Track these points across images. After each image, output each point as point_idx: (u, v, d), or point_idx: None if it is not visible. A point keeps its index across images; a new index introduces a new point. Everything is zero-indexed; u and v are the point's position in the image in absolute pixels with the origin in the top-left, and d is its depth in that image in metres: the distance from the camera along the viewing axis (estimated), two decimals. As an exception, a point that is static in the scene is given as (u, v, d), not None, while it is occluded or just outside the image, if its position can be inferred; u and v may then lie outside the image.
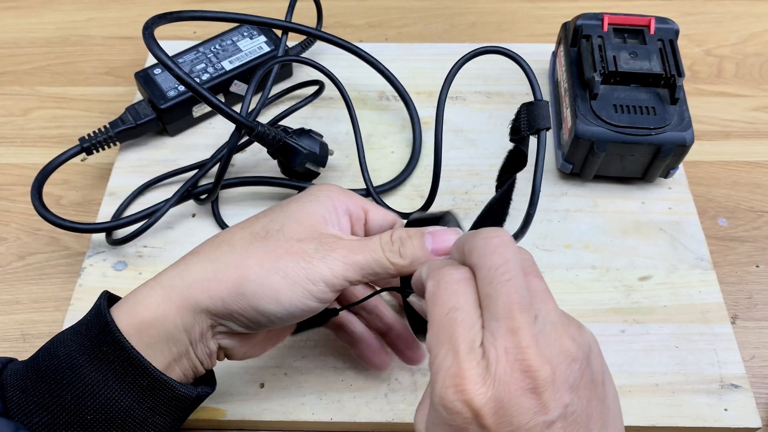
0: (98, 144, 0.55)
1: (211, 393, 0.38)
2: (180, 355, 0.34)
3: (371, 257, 0.34)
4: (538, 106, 0.40)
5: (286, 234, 0.35)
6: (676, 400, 0.46)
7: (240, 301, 0.33)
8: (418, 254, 0.34)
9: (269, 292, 0.33)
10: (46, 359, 0.33)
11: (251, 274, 0.33)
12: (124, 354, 0.32)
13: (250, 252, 0.34)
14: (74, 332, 0.34)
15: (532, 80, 0.41)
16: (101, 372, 0.32)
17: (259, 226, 0.36)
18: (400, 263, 0.34)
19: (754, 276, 0.53)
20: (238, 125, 0.48)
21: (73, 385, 0.32)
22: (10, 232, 0.55)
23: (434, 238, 0.35)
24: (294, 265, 0.33)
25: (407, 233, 0.35)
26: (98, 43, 0.69)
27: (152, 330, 0.33)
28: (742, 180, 0.59)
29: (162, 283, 0.34)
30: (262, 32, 0.62)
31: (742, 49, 0.69)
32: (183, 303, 0.33)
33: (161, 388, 0.33)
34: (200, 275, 0.34)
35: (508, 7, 0.73)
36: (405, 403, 0.45)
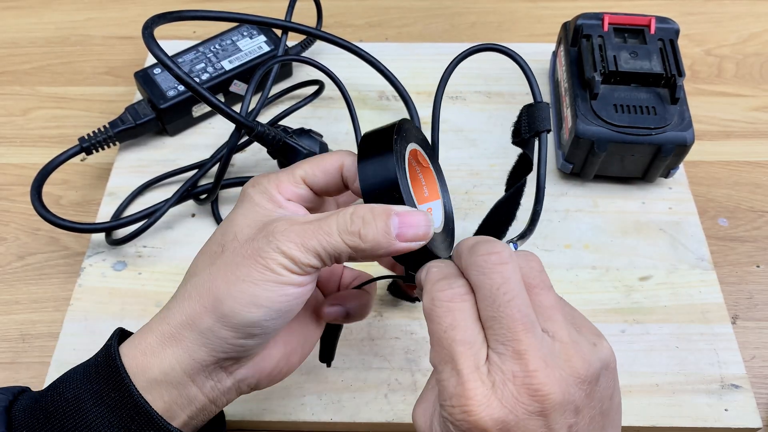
0: (98, 144, 0.55)
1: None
2: (182, 398, 0.33)
3: (326, 240, 0.31)
4: (538, 108, 0.40)
5: (239, 239, 0.33)
6: (677, 400, 0.46)
7: (225, 323, 0.32)
8: (379, 240, 0.31)
9: (245, 302, 0.31)
10: (53, 399, 0.33)
11: (221, 294, 0.32)
12: (131, 402, 0.32)
13: (213, 273, 0.33)
14: (84, 371, 0.33)
15: (531, 81, 0.41)
16: (107, 418, 0.32)
17: (215, 245, 0.34)
18: (360, 246, 0.31)
19: (755, 276, 0.53)
20: (238, 125, 0.48)
21: (78, 430, 0.32)
22: (10, 232, 0.55)
23: (402, 222, 0.31)
24: (254, 265, 0.31)
25: (371, 212, 0.32)
26: (98, 42, 0.69)
27: (149, 373, 0.32)
28: (742, 180, 0.59)
29: (153, 330, 0.33)
30: (261, 32, 0.62)
31: (742, 48, 0.69)
32: (176, 344, 0.32)
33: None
34: (181, 315, 0.33)
35: (508, 6, 0.73)
36: (405, 403, 0.45)
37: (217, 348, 0.32)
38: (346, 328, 0.49)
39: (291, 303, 0.32)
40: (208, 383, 0.34)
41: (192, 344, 0.32)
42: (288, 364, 0.37)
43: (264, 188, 0.35)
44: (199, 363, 0.33)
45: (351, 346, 0.48)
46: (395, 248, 0.32)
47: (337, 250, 0.31)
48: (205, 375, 0.33)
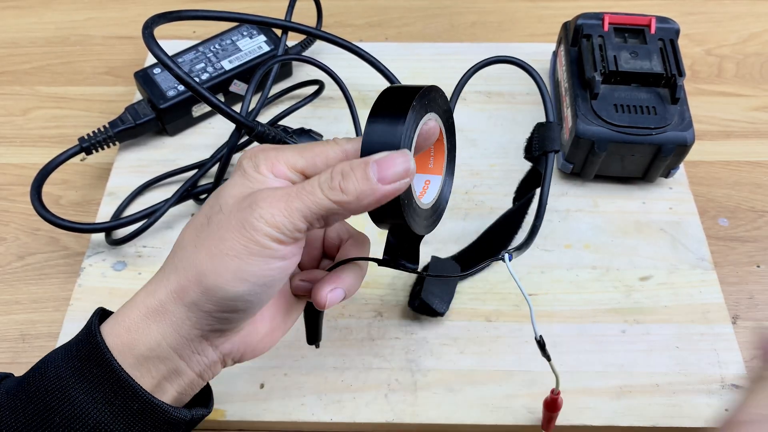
0: (98, 144, 0.55)
1: (207, 414, 0.37)
2: (170, 373, 0.33)
3: (310, 200, 0.31)
4: (549, 128, 0.40)
5: (224, 211, 0.33)
6: (677, 401, 0.46)
7: (210, 298, 0.32)
8: (362, 188, 0.31)
9: (229, 276, 0.31)
10: (36, 379, 0.33)
11: (206, 268, 0.31)
12: (114, 376, 0.32)
13: (198, 245, 0.32)
14: (65, 352, 0.33)
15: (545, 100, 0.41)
16: (90, 394, 0.31)
17: (202, 216, 0.34)
18: (344, 200, 0.31)
19: (755, 276, 0.53)
20: (238, 125, 0.48)
21: (62, 408, 0.31)
22: (10, 232, 0.55)
23: (379, 166, 0.31)
24: (239, 237, 0.31)
25: (350, 165, 0.31)
26: (98, 42, 0.69)
27: (135, 350, 0.32)
28: (742, 180, 0.59)
29: (137, 304, 0.33)
30: (261, 32, 0.61)
31: (742, 48, 0.69)
32: (159, 318, 0.32)
33: (152, 412, 0.32)
34: (167, 288, 0.33)
35: (509, 6, 0.73)
36: (405, 403, 0.45)
37: (202, 322, 0.32)
38: (345, 328, 0.49)
39: (276, 276, 0.32)
40: (194, 357, 0.33)
41: (177, 318, 0.32)
42: (272, 337, 0.37)
43: (256, 164, 0.34)
44: (185, 337, 0.32)
45: (351, 346, 0.48)
46: (380, 193, 0.31)
47: (322, 208, 0.31)
48: (191, 349, 0.33)
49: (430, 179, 0.38)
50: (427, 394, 0.46)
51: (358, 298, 0.50)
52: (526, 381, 0.46)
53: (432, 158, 0.38)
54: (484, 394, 0.46)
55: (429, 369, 0.47)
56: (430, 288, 0.47)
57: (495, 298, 0.50)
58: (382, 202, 0.31)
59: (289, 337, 0.48)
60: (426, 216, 0.36)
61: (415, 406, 0.45)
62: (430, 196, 0.37)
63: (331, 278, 0.36)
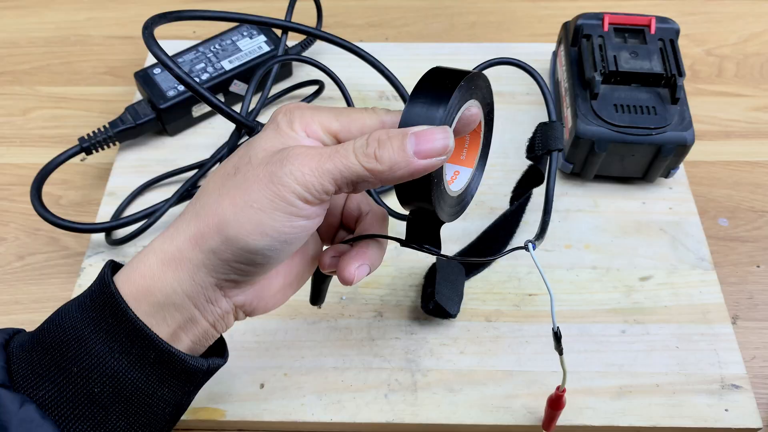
0: (98, 144, 0.55)
1: (223, 364, 0.36)
2: (186, 321, 0.33)
3: (342, 164, 0.30)
4: (552, 128, 0.40)
5: (253, 163, 0.32)
6: (677, 401, 0.46)
7: (229, 247, 0.31)
8: (396, 159, 0.30)
9: (250, 228, 0.31)
10: (51, 331, 0.33)
11: (228, 217, 0.31)
12: (129, 326, 0.31)
13: (223, 194, 0.32)
14: (79, 303, 0.33)
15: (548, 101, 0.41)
16: (107, 344, 0.31)
17: (230, 165, 0.33)
18: (378, 168, 0.30)
19: (755, 276, 0.53)
20: (238, 125, 0.48)
21: (79, 358, 0.31)
22: (10, 232, 0.55)
23: (418, 139, 0.30)
24: (265, 190, 0.31)
25: (387, 134, 0.31)
26: (98, 42, 0.69)
27: (150, 298, 0.32)
28: (742, 180, 0.59)
29: (154, 249, 0.33)
30: (261, 32, 0.61)
31: (742, 48, 0.69)
32: (176, 265, 0.32)
33: (169, 361, 0.32)
34: (186, 233, 0.32)
35: (509, 6, 0.73)
36: (405, 403, 0.45)
37: (218, 270, 0.32)
38: (345, 328, 0.49)
39: (297, 234, 0.32)
40: (208, 306, 0.33)
41: (193, 265, 0.32)
42: (284, 294, 0.37)
43: (290, 120, 0.33)
44: (200, 285, 0.32)
45: (351, 346, 0.48)
46: (415, 166, 0.30)
47: (353, 173, 0.30)
48: (206, 297, 0.33)
49: (459, 170, 0.37)
50: (427, 394, 0.46)
51: (358, 297, 0.50)
52: (526, 381, 0.46)
53: (465, 150, 0.37)
54: (484, 394, 0.46)
55: (429, 369, 0.47)
56: (442, 290, 0.47)
57: (495, 298, 0.50)
58: (414, 176, 0.31)
59: (289, 336, 0.48)
60: (452, 204, 0.35)
61: (415, 406, 0.45)
62: (458, 185, 0.36)
63: (357, 254, 0.36)
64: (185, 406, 0.35)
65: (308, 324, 0.49)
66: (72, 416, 0.31)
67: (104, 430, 0.32)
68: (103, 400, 0.32)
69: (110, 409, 0.32)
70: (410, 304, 0.50)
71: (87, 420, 0.32)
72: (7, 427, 0.30)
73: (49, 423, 0.31)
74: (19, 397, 0.31)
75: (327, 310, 0.49)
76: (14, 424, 0.30)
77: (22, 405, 0.31)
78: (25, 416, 0.30)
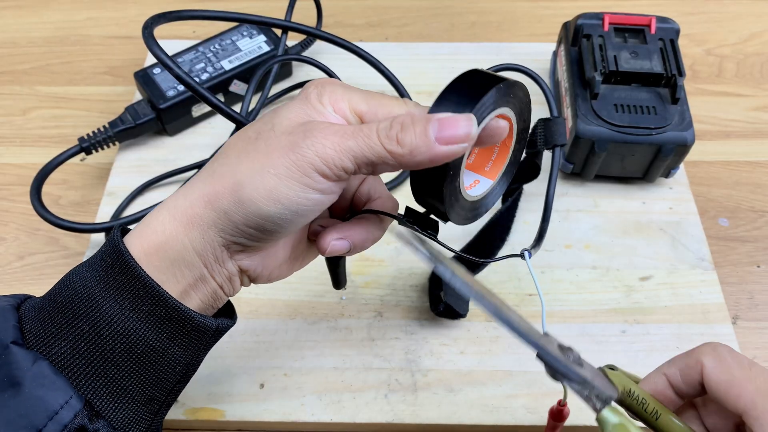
0: (97, 144, 0.55)
1: (232, 326, 0.36)
2: (196, 280, 0.33)
3: (365, 143, 0.30)
4: (555, 123, 0.40)
5: (276, 131, 0.32)
6: (677, 401, 0.46)
7: (240, 209, 0.31)
8: (417, 143, 0.30)
9: (264, 193, 0.31)
10: (62, 291, 0.33)
11: (244, 179, 0.31)
12: (139, 283, 0.32)
13: (242, 157, 0.32)
14: (89, 264, 0.33)
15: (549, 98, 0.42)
16: (117, 301, 0.32)
17: (252, 130, 0.33)
18: (398, 152, 0.30)
19: (755, 276, 0.53)
20: (238, 125, 0.48)
21: (90, 315, 0.32)
22: (9, 232, 0.55)
23: (441, 125, 0.30)
24: (284, 159, 0.31)
25: (411, 118, 0.31)
26: (97, 42, 0.69)
27: (162, 253, 0.32)
28: (743, 180, 0.59)
29: (167, 205, 0.33)
30: (261, 32, 0.61)
31: (742, 48, 0.69)
32: (188, 221, 0.32)
33: (179, 318, 0.32)
34: (201, 191, 0.32)
35: (509, 6, 0.73)
36: (405, 403, 0.45)
37: (228, 230, 0.32)
38: (345, 328, 0.49)
39: (310, 207, 0.32)
40: (215, 266, 0.33)
41: (205, 223, 0.32)
42: (290, 267, 0.37)
43: (320, 93, 0.33)
44: (209, 243, 0.32)
45: (351, 347, 0.48)
46: (435, 152, 0.30)
47: (374, 154, 0.31)
48: (214, 257, 0.33)
49: (480, 180, 0.37)
50: (427, 394, 0.46)
51: (358, 297, 0.50)
52: (526, 381, 0.46)
53: (492, 162, 0.37)
54: (484, 394, 0.46)
55: (429, 369, 0.47)
56: (450, 291, 0.47)
57: (495, 298, 0.50)
58: (435, 162, 0.31)
59: (288, 337, 0.48)
60: (464, 207, 0.35)
61: (415, 406, 0.45)
62: (475, 192, 0.36)
63: (340, 227, 0.36)
64: (195, 367, 0.35)
65: (308, 324, 0.49)
66: (84, 372, 0.32)
67: (116, 386, 0.32)
68: (114, 356, 0.32)
69: (121, 366, 0.32)
70: (410, 304, 0.50)
71: (99, 376, 0.32)
72: (20, 383, 0.30)
73: (62, 379, 0.31)
74: (32, 354, 0.31)
75: (327, 310, 0.49)
76: (28, 380, 0.30)
77: (35, 362, 0.31)
78: (38, 372, 0.31)
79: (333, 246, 0.36)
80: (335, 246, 0.36)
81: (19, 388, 0.30)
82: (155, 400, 0.34)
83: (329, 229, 0.36)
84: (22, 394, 0.30)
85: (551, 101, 0.41)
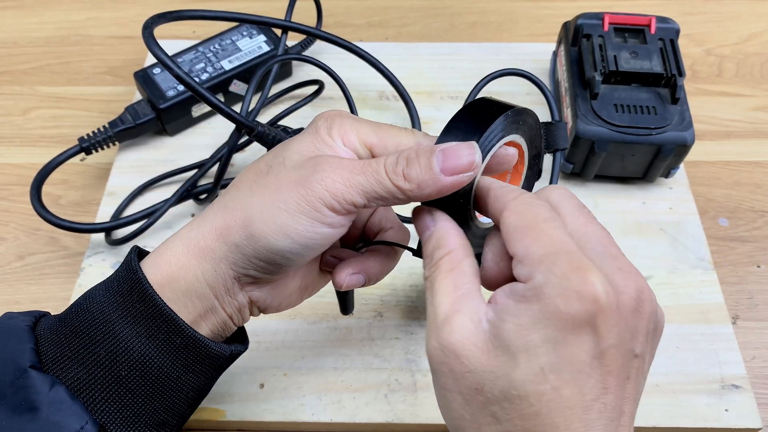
0: (97, 144, 0.55)
1: (244, 351, 0.37)
2: (206, 310, 0.34)
3: (374, 179, 0.31)
4: (557, 127, 0.41)
5: (287, 165, 0.33)
6: (677, 401, 0.46)
7: (251, 243, 0.32)
8: (424, 177, 0.30)
9: (275, 227, 0.31)
10: (79, 315, 0.33)
11: (255, 214, 0.32)
12: (156, 311, 0.32)
13: (254, 190, 0.33)
14: (106, 288, 0.34)
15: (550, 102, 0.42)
16: (134, 329, 0.32)
17: (263, 163, 0.34)
18: (406, 187, 0.31)
19: (755, 276, 0.53)
20: (238, 125, 0.48)
21: (106, 341, 0.32)
22: (9, 232, 0.55)
23: (445, 156, 0.30)
24: (294, 193, 0.31)
25: (416, 152, 0.31)
26: (97, 42, 0.69)
27: (175, 284, 0.33)
28: (742, 180, 0.59)
29: (181, 236, 0.34)
30: (261, 32, 0.61)
31: (742, 48, 0.69)
32: (201, 254, 0.33)
33: (194, 347, 0.33)
34: (213, 224, 0.33)
35: (509, 6, 0.73)
36: (405, 403, 0.45)
37: (239, 264, 0.33)
38: (345, 328, 0.49)
39: (319, 241, 0.32)
40: (226, 298, 0.34)
41: (217, 256, 0.33)
42: (299, 297, 0.38)
43: (329, 126, 0.34)
44: (221, 276, 0.33)
45: (351, 346, 0.48)
46: (441, 183, 0.31)
47: (384, 189, 0.31)
48: (225, 289, 0.33)
49: None
50: (427, 394, 0.46)
51: (358, 298, 0.50)
52: (526, 381, 0.46)
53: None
54: (484, 394, 0.46)
55: (429, 369, 0.47)
56: None
57: (495, 298, 0.50)
58: (443, 192, 0.31)
59: (289, 337, 0.48)
60: (476, 234, 0.35)
61: (415, 406, 0.45)
62: (487, 220, 0.35)
63: (355, 262, 0.37)
64: (206, 392, 0.36)
65: (308, 324, 0.49)
66: (100, 398, 0.32)
67: (130, 412, 0.33)
68: (129, 382, 0.32)
69: (136, 392, 0.32)
70: (410, 304, 0.50)
71: (114, 402, 0.32)
72: (38, 408, 0.31)
73: (78, 404, 0.31)
74: (50, 378, 0.31)
75: (327, 310, 0.49)
76: (45, 405, 0.31)
77: (52, 386, 0.31)
78: (55, 397, 0.31)
79: (349, 281, 0.36)
80: (351, 280, 0.36)
81: (37, 413, 0.31)
82: (167, 424, 0.34)
83: (344, 264, 0.36)
84: (40, 419, 0.30)
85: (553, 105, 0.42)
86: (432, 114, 0.61)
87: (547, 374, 0.27)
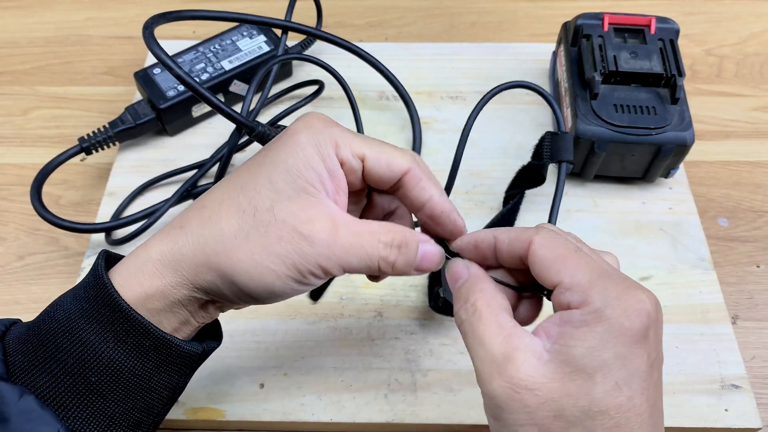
0: (97, 144, 0.55)
1: (218, 346, 0.37)
2: (180, 324, 0.34)
3: (365, 264, 0.33)
4: (563, 139, 0.41)
5: (277, 216, 0.32)
6: (677, 401, 0.46)
7: (232, 288, 0.32)
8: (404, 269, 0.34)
9: (261, 284, 0.32)
10: (45, 323, 0.33)
11: (241, 270, 0.32)
12: (122, 316, 0.32)
13: (240, 239, 0.32)
14: (73, 295, 0.34)
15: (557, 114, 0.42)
16: (101, 335, 0.32)
17: (246, 202, 0.33)
18: (389, 272, 0.34)
19: (755, 276, 0.53)
20: (238, 125, 0.48)
21: (74, 348, 0.32)
22: (10, 232, 0.55)
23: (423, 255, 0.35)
24: (285, 258, 0.32)
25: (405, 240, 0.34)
26: (97, 42, 0.69)
27: (149, 304, 0.33)
28: (742, 180, 0.59)
29: (153, 259, 0.33)
30: (261, 32, 0.61)
31: (742, 48, 0.69)
32: (176, 281, 0.33)
33: (165, 348, 0.33)
34: (191, 257, 0.33)
35: (508, 6, 0.73)
36: (405, 403, 0.45)
37: (216, 295, 0.33)
38: (345, 328, 0.49)
39: (298, 294, 0.34)
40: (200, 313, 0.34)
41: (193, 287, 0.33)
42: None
43: (317, 140, 0.34)
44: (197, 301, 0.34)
45: (351, 346, 0.48)
46: (414, 274, 0.35)
47: (370, 269, 0.34)
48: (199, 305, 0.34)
49: None
50: (427, 394, 0.46)
51: (358, 298, 0.50)
52: (526, 381, 0.46)
53: None
54: (484, 394, 0.46)
55: (429, 369, 0.47)
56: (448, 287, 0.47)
57: (495, 298, 0.50)
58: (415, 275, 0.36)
59: (289, 337, 0.48)
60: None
61: (415, 406, 0.45)
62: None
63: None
64: (182, 389, 0.36)
65: (308, 324, 0.49)
66: (70, 404, 0.32)
67: (103, 416, 0.33)
68: (100, 387, 0.32)
69: (108, 396, 0.32)
70: (410, 304, 0.50)
71: (86, 407, 0.32)
72: (7, 419, 0.30)
73: (49, 412, 0.31)
74: (18, 388, 0.31)
75: (327, 310, 0.49)
76: (14, 415, 0.31)
77: (21, 396, 0.31)
78: (25, 407, 0.31)
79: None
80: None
81: (7, 424, 0.30)
82: (143, 424, 0.34)
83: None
84: (9, 429, 0.30)
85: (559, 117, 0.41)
86: (432, 114, 0.61)
87: (621, 387, 0.29)
